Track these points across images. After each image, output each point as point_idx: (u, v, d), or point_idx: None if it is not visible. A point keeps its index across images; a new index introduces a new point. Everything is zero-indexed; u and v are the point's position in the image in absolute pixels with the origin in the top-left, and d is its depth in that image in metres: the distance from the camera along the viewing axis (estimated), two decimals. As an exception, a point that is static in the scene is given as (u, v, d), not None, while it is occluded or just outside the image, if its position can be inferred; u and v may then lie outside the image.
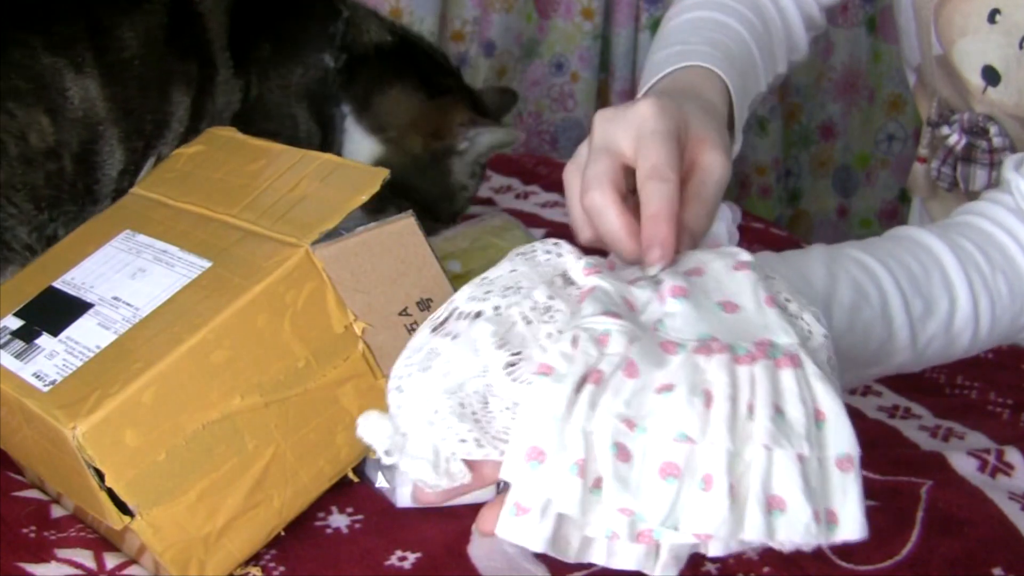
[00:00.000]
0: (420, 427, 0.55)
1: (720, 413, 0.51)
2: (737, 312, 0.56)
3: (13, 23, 0.88)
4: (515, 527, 0.51)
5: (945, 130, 0.99)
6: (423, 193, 1.05)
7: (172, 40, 0.93)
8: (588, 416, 0.51)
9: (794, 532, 0.50)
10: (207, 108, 0.95)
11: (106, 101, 0.90)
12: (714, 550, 0.52)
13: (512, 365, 0.54)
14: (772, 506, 0.50)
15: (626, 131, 0.62)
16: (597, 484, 0.51)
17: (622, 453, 0.50)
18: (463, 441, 0.54)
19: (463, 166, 1.07)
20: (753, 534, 0.50)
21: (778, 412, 0.51)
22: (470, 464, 0.55)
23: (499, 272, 0.58)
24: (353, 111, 1.03)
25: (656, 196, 0.59)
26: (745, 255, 0.59)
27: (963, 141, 0.97)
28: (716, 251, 0.60)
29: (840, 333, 0.66)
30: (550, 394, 0.51)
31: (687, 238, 0.61)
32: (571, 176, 0.65)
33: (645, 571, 0.53)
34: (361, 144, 1.04)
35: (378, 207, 1.03)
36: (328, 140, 1.02)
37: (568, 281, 0.58)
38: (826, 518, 0.51)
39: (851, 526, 0.51)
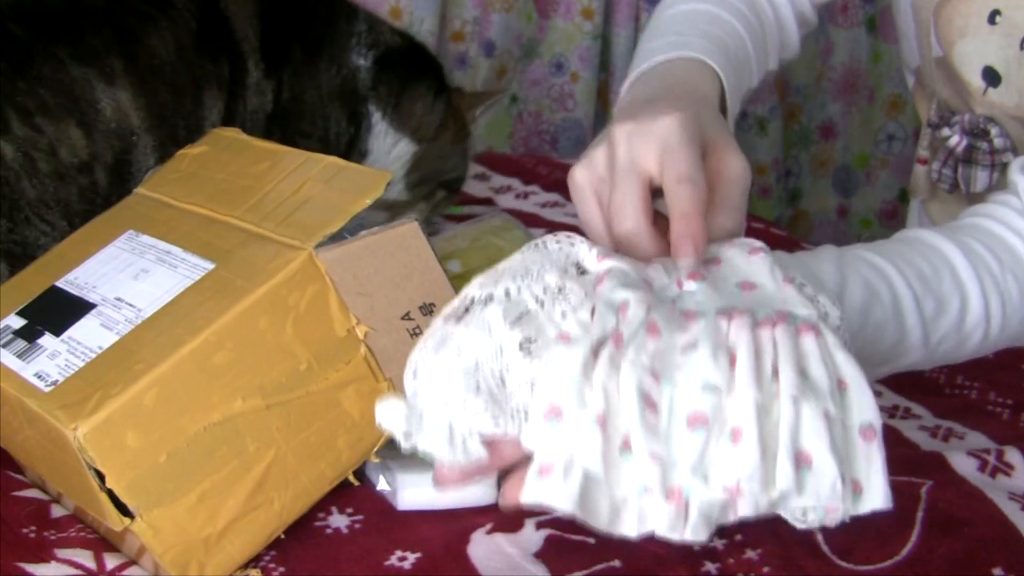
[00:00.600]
0: (436, 406, 0.55)
1: (745, 368, 0.51)
2: (755, 290, 0.56)
3: (39, 35, 0.87)
4: (540, 489, 0.51)
5: (945, 131, 0.99)
6: (459, 179, 1.11)
7: (202, 44, 0.93)
8: (609, 373, 0.51)
9: (821, 489, 0.50)
10: (239, 111, 0.95)
11: (139, 110, 0.89)
12: (743, 509, 0.51)
13: (529, 341, 0.54)
14: (800, 461, 0.50)
15: (650, 146, 0.63)
16: (626, 445, 0.50)
17: (649, 404, 0.50)
18: (478, 415, 0.54)
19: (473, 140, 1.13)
20: (784, 484, 0.49)
21: (801, 373, 0.51)
22: (487, 444, 0.55)
23: (510, 262, 0.58)
24: (381, 110, 1.04)
25: (685, 198, 0.60)
26: (758, 242, 0.60)
27: (964, 142, 0.97)
28: (729, 243, 0.61)
29: (853, 333, 0.66)
30: (567, 357, 0.51)
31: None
32: (583, 185, 0.65)
33: (675, 535, 0.52)
34: (392, 142, 1.05)
35: (425, 196, 1.07)
36: (356, 138, 1.03)
37: (582, 270, 0.58)
38: (851, 488, 0.51)
39: (876, 496, 0.51)
